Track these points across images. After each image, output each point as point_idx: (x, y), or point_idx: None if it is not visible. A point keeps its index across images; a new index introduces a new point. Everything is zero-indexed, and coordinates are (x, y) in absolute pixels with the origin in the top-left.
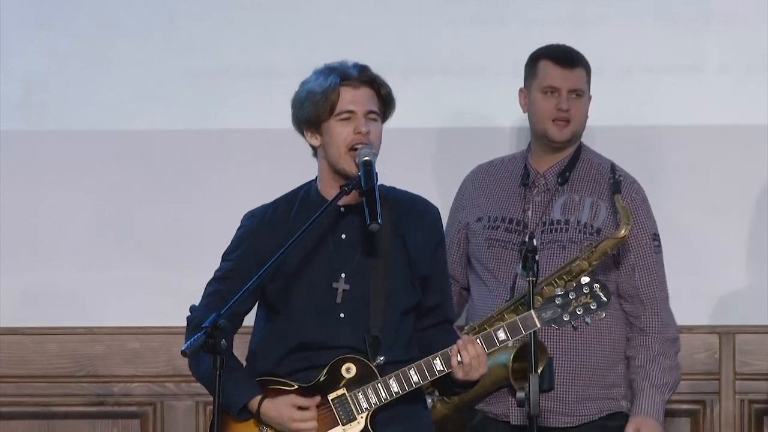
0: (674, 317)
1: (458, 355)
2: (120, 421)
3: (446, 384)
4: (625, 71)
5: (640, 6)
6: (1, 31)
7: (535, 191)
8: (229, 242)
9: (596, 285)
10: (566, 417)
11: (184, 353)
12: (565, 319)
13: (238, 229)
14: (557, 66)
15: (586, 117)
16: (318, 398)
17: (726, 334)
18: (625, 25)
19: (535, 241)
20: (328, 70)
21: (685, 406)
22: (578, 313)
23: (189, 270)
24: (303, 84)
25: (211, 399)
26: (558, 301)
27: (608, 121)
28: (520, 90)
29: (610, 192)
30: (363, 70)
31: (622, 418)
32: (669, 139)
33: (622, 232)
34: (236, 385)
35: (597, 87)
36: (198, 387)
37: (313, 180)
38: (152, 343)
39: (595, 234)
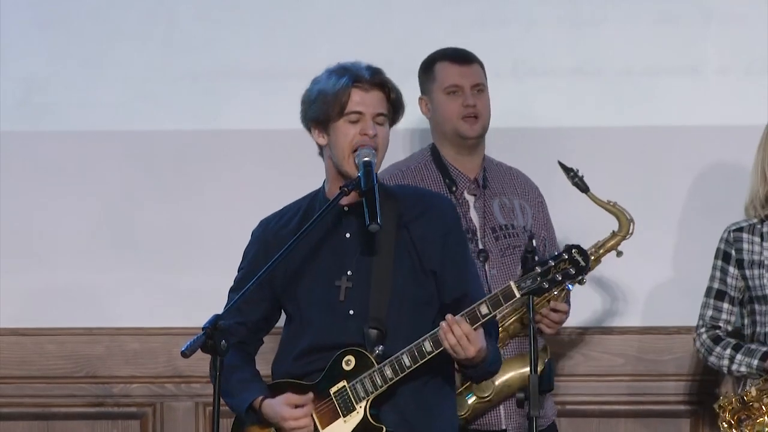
0: None
1: (445, 338)
2: (119, 422)
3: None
4: (625, 71)
5: (639, 6)
6: (1, 31)
7: (475, 197)
8: (231, 244)
9: (574, 249)
10: (542, 419)
11: (184, 354)
12: (545, 286)
13: (250, 238)
14: (455, 64)
15: (490, 112)
16: (311, 395)
17: None
18: (625, 26)
19: (534, 242)
20: (341, 70)
21: (685, 407)
22: (557, 279)
23: (189, 270)
24: (314, 82)
25: (211, 400)
26: (537, 269)
27: (608, 121)
28: (420, 98)
29: (528, 195)
30: (375, 73)
31: None
32: (668, 140)
33: (630, 228)
34: (242, 387)
35: (597, 87)
36: (198, 388)
37: (321, 186)
38: (152, 344)
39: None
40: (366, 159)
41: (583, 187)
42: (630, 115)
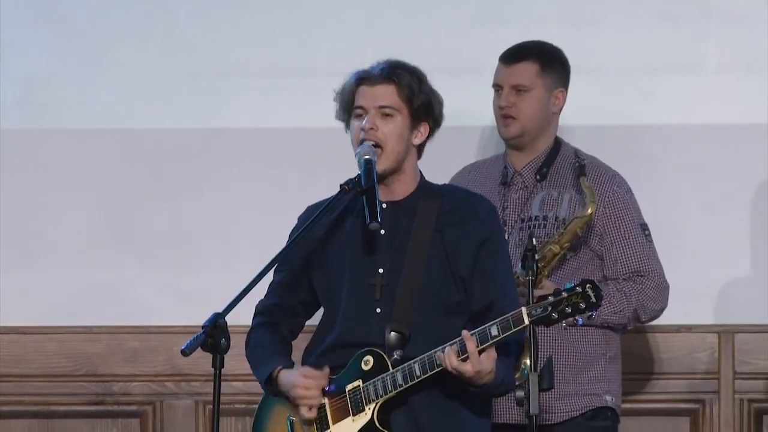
0: (665, 300)
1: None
2: (119, 421)
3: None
4: (625, 71)
5: (639, 5)
6: (1, 31)
7: (513, 189)
8: (230, 243)
9: (588, 285)
10: (545, 414)
11: (184, 353)
12: (554, 317)
13: (296, 222)
14: (501, 63)
15: (540, 111)
16: (327, 369)
17: (725, 333)
18: (625, 25)
19: (534, 240)
20: (358, 70)
21: (684, 405)
22: (567, 311)
23: (188, 269)
24: None
25: (211, 398)
26: (550, 299)
27: (608, 120)
28: None
29: (575, 177)
30: (385, 67)
31: (608, 416)
32: (668, 139)
33: (589, 210)
34: (265, 358)
35: (597, 86)
36: (198, 386)
37: None
38: (152, 343)
39: None
40: (366, 157)
41: (581, 173)
42: (630, 113)
